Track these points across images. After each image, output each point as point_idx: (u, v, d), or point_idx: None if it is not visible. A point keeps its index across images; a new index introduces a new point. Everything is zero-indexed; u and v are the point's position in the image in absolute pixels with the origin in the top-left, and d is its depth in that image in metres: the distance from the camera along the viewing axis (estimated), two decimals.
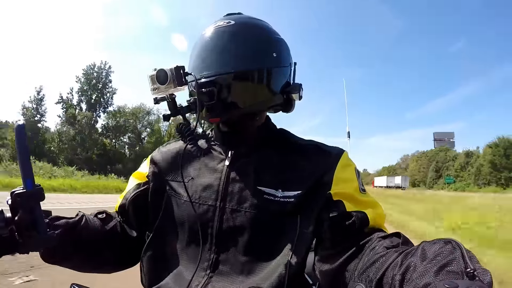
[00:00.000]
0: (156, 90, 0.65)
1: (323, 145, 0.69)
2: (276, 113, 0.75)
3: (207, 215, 0.65)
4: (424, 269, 0.39)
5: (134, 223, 0.75)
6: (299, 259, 0.59)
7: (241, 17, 0.72)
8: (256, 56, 0.67)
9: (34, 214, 0.51)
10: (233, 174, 0.67)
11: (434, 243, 0.43)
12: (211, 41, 0.68)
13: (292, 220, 0.62)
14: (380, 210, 0.63)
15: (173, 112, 0.67)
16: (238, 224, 0.63)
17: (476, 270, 0.35)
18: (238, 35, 0.67)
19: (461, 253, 0.38)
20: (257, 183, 0.64)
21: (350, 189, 0.62)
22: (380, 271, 0.46)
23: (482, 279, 0.34)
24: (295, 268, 0.58)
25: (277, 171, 0.65)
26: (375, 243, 0.54)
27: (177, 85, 0.63)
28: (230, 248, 0.63)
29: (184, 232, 0.67)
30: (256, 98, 0.67)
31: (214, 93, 0.64)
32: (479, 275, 0.35)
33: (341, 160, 0.65)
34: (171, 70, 0.63)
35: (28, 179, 0.50)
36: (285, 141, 0.71)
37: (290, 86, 0.71)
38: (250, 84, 0.66)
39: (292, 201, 0.62)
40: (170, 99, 0.66)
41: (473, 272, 0.35)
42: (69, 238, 0.63)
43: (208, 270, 0.62)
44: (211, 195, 0.66)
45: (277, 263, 0.59)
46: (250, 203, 0.63)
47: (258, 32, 0.69)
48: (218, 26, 0.68)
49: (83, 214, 0.70)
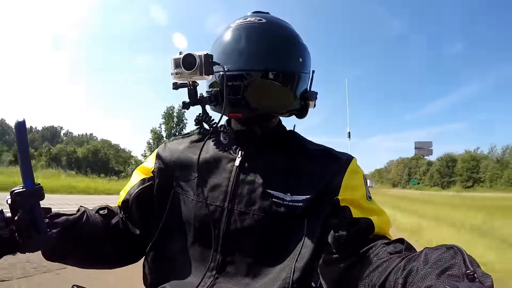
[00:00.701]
0: (179, 75, 0.60)
1: (332, 151, 0.70)
2: (289, 117, 0.75)
3: (214, 216, 0.64)
4: (426, 273, 0.40)
5: (138, 220, 0.72)
6: (304, 263, 0.59)
7: (271, 17, 0.71)
8: (285, 58, 0.67)
9: (34, 213, 0.50)
10: (243, 176, 0.66)
11: (436, 249, 0.44)
12: (241, 35, 0.66)
13: (299, 224, 0.62)
14: (385, 218, 0.65)
15: (192, 101, 0.63)
16: (245, 227, 0.62)
17: (477, 273, 0.36)
18: (270, 34, 0.66)
19: (463, 258, 0.39)
20: (266, 186, 0.64)
21: (357, 196, 0.63)
22: (383, 275, 0.47)
23: (483, 281, 0.35)
24: (300, 272, 0.59)
25: (286, 175, 0.65)
26: (379, 249, 0.55)
27: (203, 73, 0.59)
28: (237, 250, 0.62)
29: (191, 232, 0.66)
30: (279, 99, 0.67)
31: (241, 88, 0.62)
32: (480, 278, 0.36)
33: (350, 167, 0.66)
34: (200, 57, 0.59)
35: (28, 178, 0.49)
36: (295, 144, 0.71)
37: (308, 93, 0.71)
38: (276, 85, 0.65)
39: (300, 205, 0.62)
40: (192, 86, 0.63)
41: (473, 275, 0.36)
42: (69, 235, 0.61)
43: (214, 271, 0.62)
44: (219, 195, 0.65)
45: (282, 267, 0.60)
46: (259, 206, 0.62)
47: (289, 35, 0.69)
48: (250, 22, 0.67)
49: (84, 210, 0.67)
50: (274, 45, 0.66)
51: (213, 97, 0.64)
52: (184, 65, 0.59)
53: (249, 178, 0.65)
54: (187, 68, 0.59)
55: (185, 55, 0.59)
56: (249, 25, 0.67)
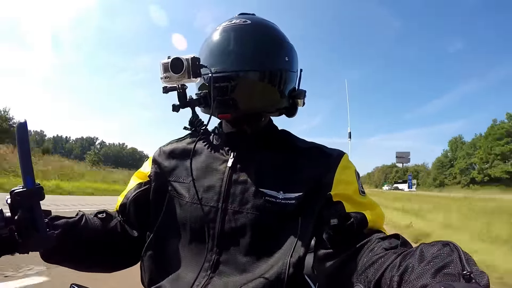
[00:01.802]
0: (168, 79, 0.62)
1: (324, 147, 0.70)
2: (279, 116, 0.76)
3: (209, 216, 0.65)
4: (422, 271, 0.39)
5: (135, 223, 0.74)
6: (298, 259, 0.59)
7: (257, 18, 0.73)
8: (271, 58, 0.68)
9: (34, 213, 0.50)
10: (235, 176, 0.67)
11: (432, 245, 0.43)
12: (227, 37, 0.68)
13: (293, 221, 0.62)
14: (379, 212, 0.64)
15: (182, 104, 0.65)
16: (239, 225, 0.63)
17: (473, 272, 0.35)
18: (256, 34, 0.68)
19: (459, 255, 0.39)
20: (259, 185, 0.64)
21: (349, 191, 0.63)
22: (379, 272, 0.47)
23: (479, 281, 0.35)
24: (295, 268, 0.58)
25: (279, 173, 0.66)
26: (374, 244, 0.54)
27: (191, 76, 0.61)
28: (231, 249, 0.63)
29: (186, 233, 0.67)
30: (267, 98, 0.69)
31: (228, 88, 0.64)
32: (476, 277, 0.35)
33: (342, 162, 0.66)
34: (187, 60, 0.61)
35: (28, 178, 0.49)
36: (287, 142, 0.72)
37: (296, 91, 0.72)
38: (263, 84, 0.67)
39: (293, 202, 0.62)
40: (181, 89, 0.64)
41: (469, 274, 0.35)
42: (68, 238, 0.62)
43: (209, 271, 0.62)
44: (213, 196, 0.66)
45: (277, 264, 0.59)
46: (252, 204, 0.63)
47: (274, 35, 0.71)
48: (235, 24, 0.69)
49: (83, 214, 0.69)
50: (260, 45, 0.67)
51: (202, 99, 0.65)
52: (172, 68, 0.61)
53: (242, 178, 0.66)
54: (175, 71, 0.61)
55: (172, 59, 0.61)
56: (235, 27, 0.68)
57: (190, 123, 0.68)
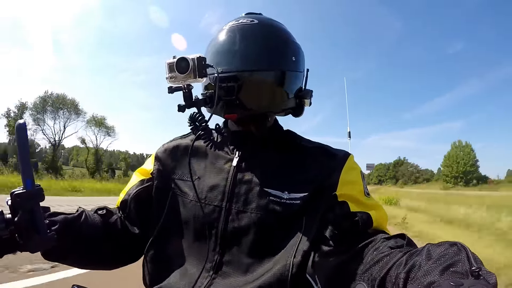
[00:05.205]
0: (173, 79, 0.61)
1: (329, 148, 0.70)
2: (285, 116, 0.75)
3: (212, 216, 0.64)
4: (429, 268, 0.39)
5: (136, 219, 0.73)
6: (302, 260, 0.59)
7: (264, 17, 0.71)
8: (278, 58, 0.67)
9: (34, 214, 0.50)
10: (240, 175, 0.66)
11: (439, 245, 0.43)
12: (233, 37, 0.66)
13: (298, 221, 0.62)
14: (383, 213, 0.64)
15: (188, 104, 0.64)
16: (243, 225, 0.62)
17: (481, 270, 0.35)
18: (262, 34, 0.67)
19: (467, 255, 0.38)
20: (263, 185, 0.64)
21: (355, 192, 0.63)
22: (384, 269, 0.46)
23: (487, 279, 0.34)
24: (298, 268, 0.58)
25: (284, 173, 0.65)
26: (379, 244, 0.54)
27: (197, 76, 0.60)
28: (235, 249, 0.62)
29: (189, 232, 0.66)
30: (273, 98, 0.68)
31: (234, 89, 0.63)
32: (484, 275, 0.35)
33: (347, 163, 0.66)
34: (193, 60, 0.59)
35: (28, 179, 0.49)
36: (292, 142, 0.71)
37: (303, 91, 0.71)
38: (270, 84, 0.66)
39: (298, 203, 0.62)
40: (187, 89, 0.63)
41: (478, 271, 0.35)
42: (68, 234, 0.61)
43: (211, 271, 0.62)
44: (217, 195, 0.65)
45: (280, 264, 0.59)
46: (256, 204, 0.63)
47: (281, 34, 0.69)
48: (242, 23, 0.67)
49: (82, 210, 0.68)
50: (267, 45, 0.67)
51: (208, 99, 0.64)
52: (178, 68, 0.59)
53: (247, 177, 0.65)
54: (181, 71, 0.59)
55: (178, 59, 0.59)
56: (241, 26, 0.67)
57: (190, 118, 0.66)
